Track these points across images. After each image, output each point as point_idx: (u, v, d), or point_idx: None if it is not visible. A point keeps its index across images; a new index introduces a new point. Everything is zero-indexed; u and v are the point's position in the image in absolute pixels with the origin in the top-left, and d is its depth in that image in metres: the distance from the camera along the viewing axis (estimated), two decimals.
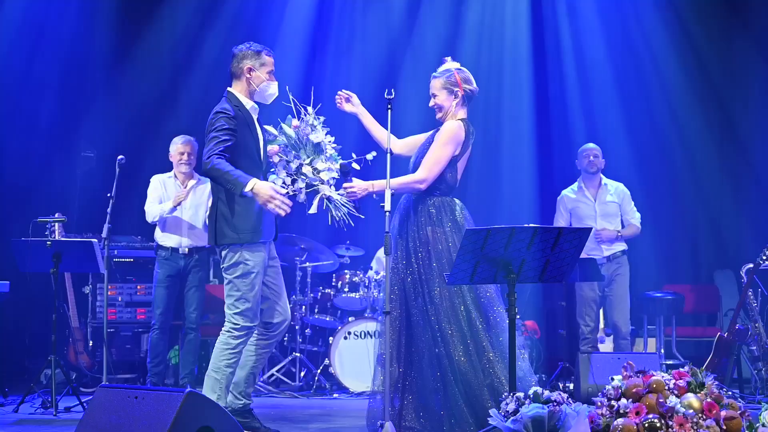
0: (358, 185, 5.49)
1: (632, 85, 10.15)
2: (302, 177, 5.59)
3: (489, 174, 10.29)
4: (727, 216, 10.00)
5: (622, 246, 8.19)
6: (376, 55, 10.26)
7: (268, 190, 5.33)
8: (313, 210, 5.64)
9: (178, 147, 7.92)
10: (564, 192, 8.39)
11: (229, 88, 5.77)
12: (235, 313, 5.55)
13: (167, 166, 8.04)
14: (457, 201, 5.64)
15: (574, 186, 8.37)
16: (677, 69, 10.06)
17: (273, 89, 5.77)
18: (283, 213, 5.34)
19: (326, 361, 8.53)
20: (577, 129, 10.05)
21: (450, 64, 5.73)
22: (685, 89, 10.05)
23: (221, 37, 10.04)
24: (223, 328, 5.61)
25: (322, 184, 5.57)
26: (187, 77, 10.15)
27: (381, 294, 5.80)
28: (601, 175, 8.31)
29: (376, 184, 5.51)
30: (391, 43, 10.23)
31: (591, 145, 8.36)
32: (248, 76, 5.69)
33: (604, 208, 8.22)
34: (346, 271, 8.98)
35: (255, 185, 5.32)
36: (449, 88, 5.64)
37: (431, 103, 5.73)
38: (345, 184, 5.50)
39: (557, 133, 10.20)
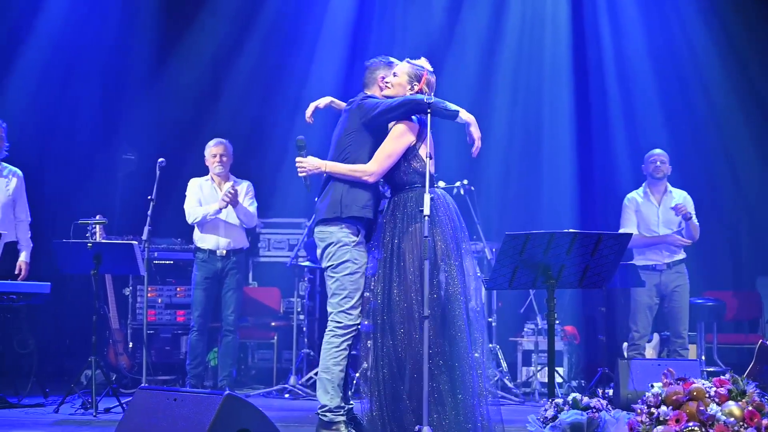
0: (309, 162, 5.54)
1: (673, 87, 10.03)
2: None
3: (529, 177, 10.23)
4: None
5: (682, 254, 8.11)
6: (415, 57, 10.23)
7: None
8: None
9: (211, 150, 7.97)
10: (630, 195, 8.28)
11: (365, 91, 5.87)
12: (339, 311, 5.70)
13: (207, 169, 8.07)
14: (437, 190, 5.58)
15: (640, 190, 8.27)
16: (719, 71, 9.93)
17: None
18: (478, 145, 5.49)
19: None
20: (618, 132, 9.97)
21: (427, 64, 5.75)
22: (726, 91, 9.92)
23: (261, 40, 10.09)
24: (327, 329, 5.74)
25: None
26: (228, 80, 10.20)
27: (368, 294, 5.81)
28: (667, 183, 8.23)
29: (329, 165, 5.56)
30: (431, 46, 10.18)
31: (658, 150, 8.25)
32: (381, 84, 5.81)
33: (667, 214, 8.09)
34: None
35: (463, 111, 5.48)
36: (411, 78, 5.64)
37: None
38: (297, 158, 5.55)
39: (597, 136, 10.11)
